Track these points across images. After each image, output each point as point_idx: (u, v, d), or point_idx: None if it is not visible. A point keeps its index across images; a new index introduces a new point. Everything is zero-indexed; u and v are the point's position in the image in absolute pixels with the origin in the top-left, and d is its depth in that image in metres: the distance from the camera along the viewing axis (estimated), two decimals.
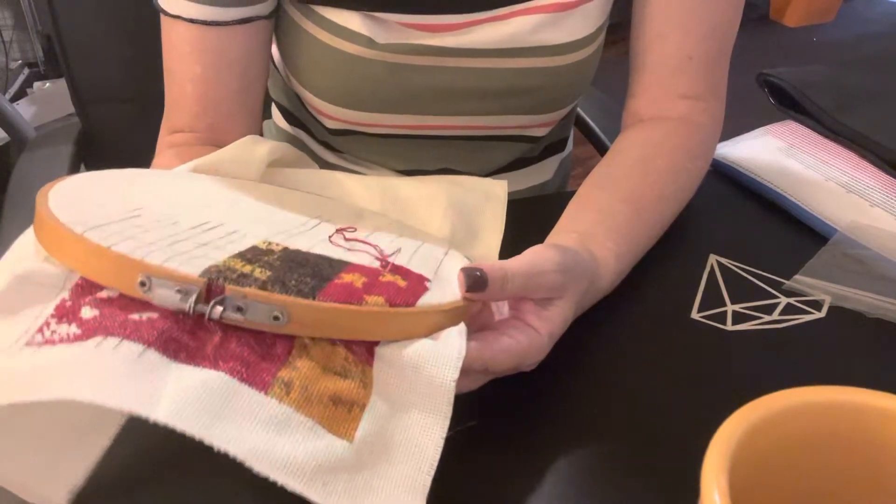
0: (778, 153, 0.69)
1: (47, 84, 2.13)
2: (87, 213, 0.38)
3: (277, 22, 0.65)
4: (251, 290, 0.35)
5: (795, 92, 0.71)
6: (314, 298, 0.36)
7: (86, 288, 0.36)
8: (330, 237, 0.45)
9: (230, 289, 0.35)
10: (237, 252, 0.38)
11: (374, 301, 0.37)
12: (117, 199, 0.42)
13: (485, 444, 0.43)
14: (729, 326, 0.53)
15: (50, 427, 0.38)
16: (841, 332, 0.53)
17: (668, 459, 0.43)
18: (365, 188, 0.59)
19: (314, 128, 0.75)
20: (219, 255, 0.37)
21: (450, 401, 0.37)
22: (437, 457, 0.36)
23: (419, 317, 0.39)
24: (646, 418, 0.46)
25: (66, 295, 0.36)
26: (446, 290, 0.42)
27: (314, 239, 0.44)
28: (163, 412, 0.30)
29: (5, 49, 2.13)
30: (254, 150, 0.56)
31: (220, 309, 0.34)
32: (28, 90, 2.12)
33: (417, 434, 0.37)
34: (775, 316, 0.54)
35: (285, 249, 0.40)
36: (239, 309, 0.34)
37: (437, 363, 0.37)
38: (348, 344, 0.38)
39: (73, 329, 0.34)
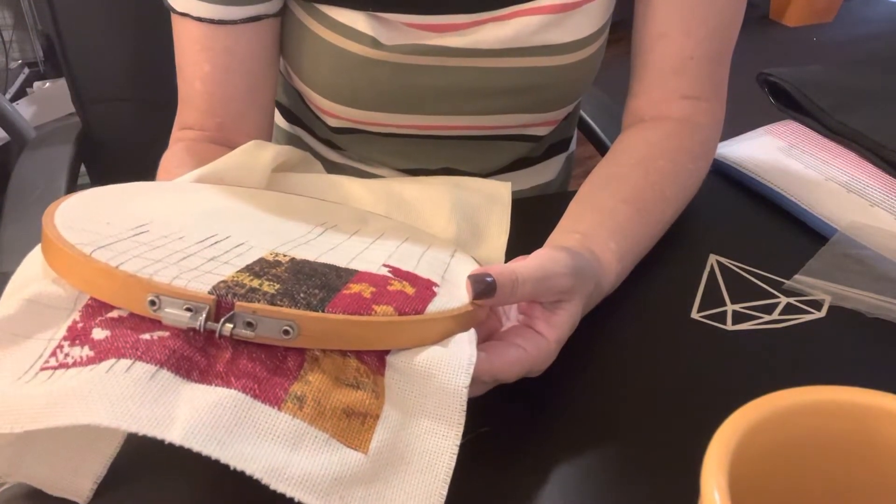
0: (778, 153, 0.69)
1: (47, 84, 2.13)
2: (94, 231, 0.38)
3: (282, 20, 0.65)
4: (260, 306, 0.35)
5: (795, 92, 0.71)
6: (323, 311, 0.36)
7: (96, 308, 0.37)
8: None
9: (239, 305, 0.35)
10: (245, 266, 0.38)
11: (384, 311, 0.37)
12: (123, 214, 0.42)
13: (487, 448, 0.43)
14: (729, 326, 0.53)
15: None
16: (841, 332, 0.53)
17: (669, 459, 0.43)
18: (369, 192, 0.59)
19: (316, 126, 0.75)
20: (227, 269, 0.37)
21: (462, 408, 0.37)
22: (453, 465, 0.36)
23: (429, 324, 0.39)
24: (646, 418, 0.46)
25: (77, 316, 0.37)
26: (454, 293, 0.42)
27: (320, 248, 0.44)
28: (177, 433, 0.31)
29: (5, 49, 2.13)
30: (257, 156, 0.56)
31: (230, 326, 0.34)
32: (28, 90, 2.12)
33: (431, 443, 0.37)
34: (775, 316, 0.54)
35: (292, 260, 0.41)
36: (249, 325, 0.35)
37: (448, 370, 0.37)
38: (359, 354, 0.38)
39: (86, 351, 0.34)
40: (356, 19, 0.60)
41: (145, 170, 0.61)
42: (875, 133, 0.66)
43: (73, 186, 0.83)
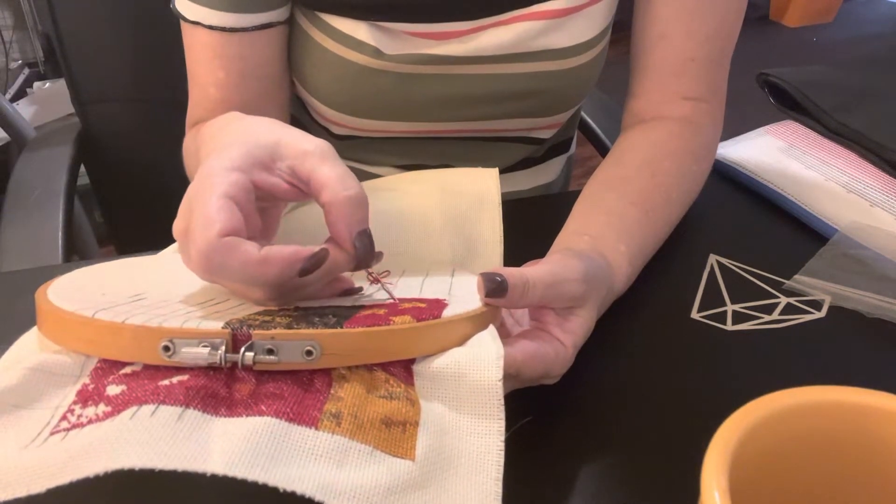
0: (778, 153, 0.69)
1: (47, 84, 2.13)
2: (91, 300, 0.38)
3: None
4: (278, 331, 0.34)
5: (795, 92, 0.71)
6: (342, 328, 0.35)
7: (106, 369, 0.36)
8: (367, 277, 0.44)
9: (257, 333, 0.34)
10: (251, 313, 0.38)
11: (402, 320, 0.37)
12: (116, 286, 0.41)
13: None
14: (729, 326, 0.53)
15: None
16: (841, 332, 0.53)
17: (668, 459, 0.43)
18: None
19: (318, 133, 0.75)
20: (234, 315, 0.37)
21: (500, 403, 0.36)
22: (502, 462, 0.35)
23: (448, 327, 0.38)
24: (646, 418, 0.46)
25: (86, 380, 0.35)
26: (466, 303, 0.42)
27: (322, 301, 0.43)
28: (218, 464, 0.30)
29: (5, 49, 2.13)
30: None
31: (251, 355, 0.34)
32: (28, 90, 2.12)
33: (476, 443, 0.36)
34: (775, 316, 0.54)
35: (296, 307, 0.40)
36: (270, 351, 0.34)
37: (478, 368, 0.37)
38: (386, 367, 0.37)
39: (102, 408, 0.33)
40: (358, 29, 0.60)
41: (144, 170, 0.61)
42: (875, 133, 0.66)
43: (72, 186, 0.83)
